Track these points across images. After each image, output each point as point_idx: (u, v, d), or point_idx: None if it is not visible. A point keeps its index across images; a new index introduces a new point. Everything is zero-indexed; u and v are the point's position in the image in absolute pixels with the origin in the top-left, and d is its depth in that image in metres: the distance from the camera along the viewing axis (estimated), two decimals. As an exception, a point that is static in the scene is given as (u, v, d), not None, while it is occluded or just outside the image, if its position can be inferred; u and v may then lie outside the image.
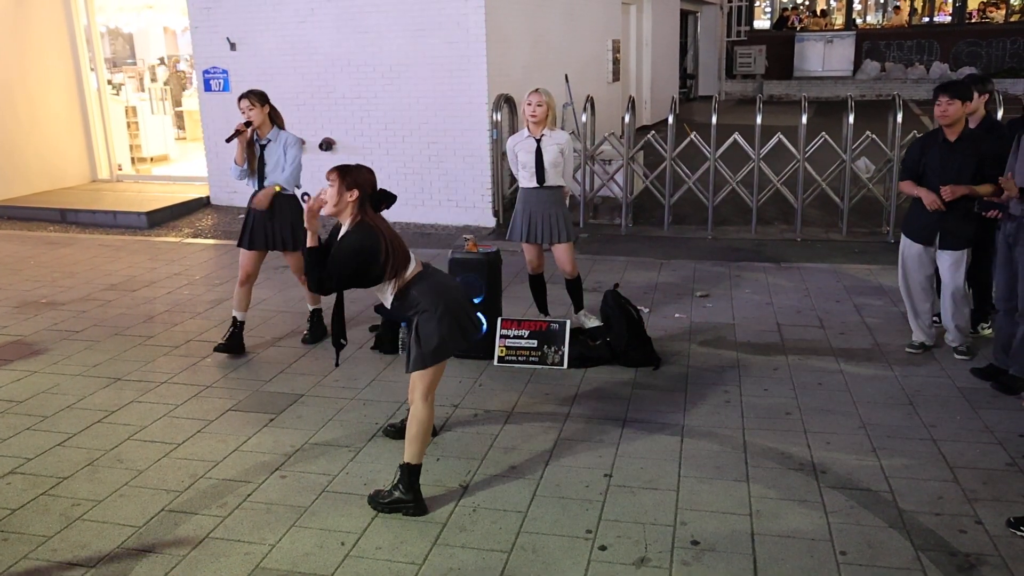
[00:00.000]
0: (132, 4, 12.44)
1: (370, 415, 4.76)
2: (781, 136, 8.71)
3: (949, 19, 28.03)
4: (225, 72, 10.19)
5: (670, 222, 9.16)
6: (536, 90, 5.73)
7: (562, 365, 5.39)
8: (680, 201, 9.30)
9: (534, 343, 5.46)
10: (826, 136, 8.72)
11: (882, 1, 31.84)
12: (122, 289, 7.38)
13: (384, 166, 9.79)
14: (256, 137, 5.61)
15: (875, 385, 5.07)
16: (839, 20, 29.80)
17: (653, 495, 3.87)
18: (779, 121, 11.19)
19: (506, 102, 9.42)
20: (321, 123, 9.96)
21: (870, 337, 5.87)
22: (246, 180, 5.70)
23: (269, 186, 5.57)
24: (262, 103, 5.53)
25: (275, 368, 5.51)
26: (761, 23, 31.18)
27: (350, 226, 3.63)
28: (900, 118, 8.40)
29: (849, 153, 8.65)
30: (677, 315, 6.41)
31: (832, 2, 31.95)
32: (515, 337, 5.49)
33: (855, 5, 29.71)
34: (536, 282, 6.09)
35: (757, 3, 30.81)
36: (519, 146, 5.79)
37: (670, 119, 9.12)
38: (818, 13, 31.25)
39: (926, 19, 28.84)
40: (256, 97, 5.52)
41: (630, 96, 10.06)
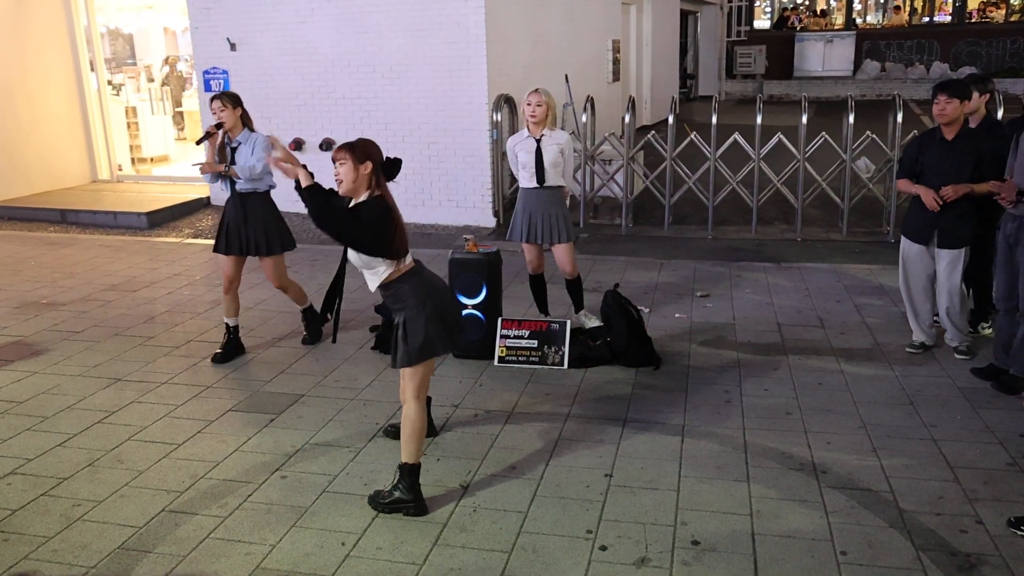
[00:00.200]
0: (132, 4, 12.44)
1: (370, 415, 4.76)
2: (781, 136, 8.71)
3: (949, 19, 28.03)
4: (225, 72, 10.19)
5: (670, 222, 9.16)
6: (536, 90, 5.73)
7: (562, 365, 5.39)
8: (680, 201, 9.30)
9: (534, 343, 5.46)
10: (826, 136, 8.72)
11: (882, 1, 31.84)
12: (122, 290, 7.38)
13: (384, 166, 9.79)
14: (227, 139, 5.51)
15: (875, 385, 5.07)
16: (839, 20, 29.80)
17: (653, 495, 3.87)
18: (779, 121, 11.20)
19: (506, 102, 9.42)
20: (321, 123, 9.97)
21: (870, 337, 5.87)
22: (219, 183, 5.58)
23: (224, 167, 5.47)
24: (234, 105, 5.45)
25: (275, 368, 5.51)
26: (761, 23, 31.18)
27: (367, 198, 3.63)
28: (900, 118, 8.40)
29: (849, 153, 8.65)
30: (677, 315, 6.41)
31: (832, 2, 31.95)
32: (515, 337, 5.49)
33: (855, 5, 29.70)
34: (536, 282, 6.09)
35: (757, 3, 30.81)
36: (519, 146, 5.79)
37: (670, 119, 9.12)
38: (818, 13, 31.25)
39: (926, 19, 28.84)
40: (228, 99, 5.44)
41: (630, 96, 10.06)
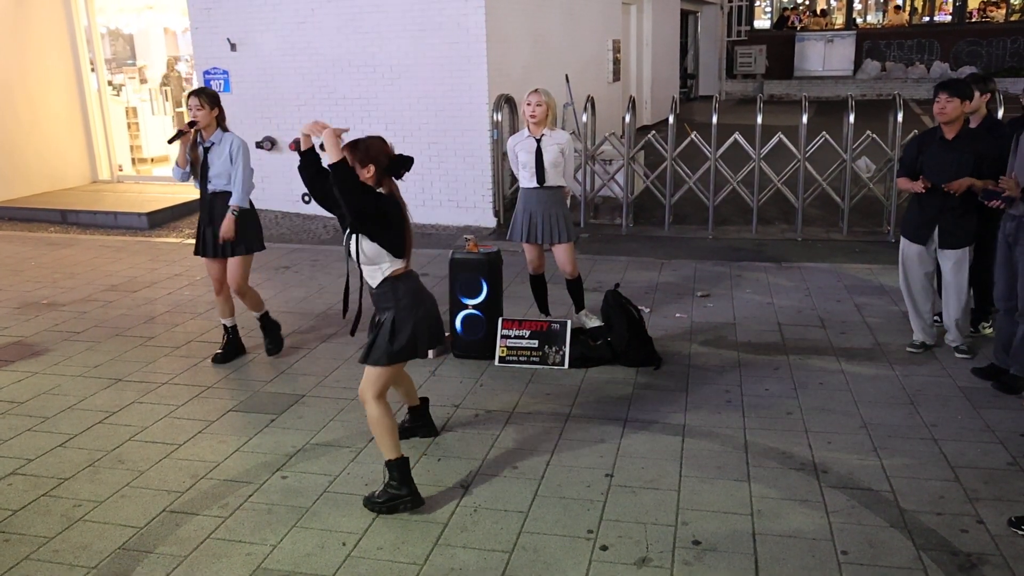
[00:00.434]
0: (132, 5, 12.45)
1: (371, 415, 4.76)
2: (782, 136, 8.71)
3: (949, 18, 28.03)
4: (226, 73, 10.19)
5: (671, 222, 9.16)
6: (535, 90, 5.73)
7: (563, 365, 5.39)
8: (681, 201, 9.30)
9: (535, 343, 5.46)
10: (827, 136, 8.72)
11: (882, 1, 31.83)
12: (123, 290, 7.38)
13: (384, 166, 9.79)
14: (200, 139, 5.35)
15: (876, 385, 5.07)
16: (839, 20, 29.80)
17: (654, 495, 3.87)
18: (779, 121, 11.20)
19: (506, 102, 9.42)
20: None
21: (871, 337, 5.87)
22: (191, 182, 5.49)
23: (229, 213, 5.32)
24: (211, 105, 5.28)
25: (276, 368, 5.51)
26: (761, 23, 31.18)
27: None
28: (901, 118, 8.39)
29: (850, 153, 8.65)
30: (678, 315, 6.41)
31: (832, 2, 31.94)
32: (516, 337, 5.49)
33: (855, 5, 29.70)
34: (537, 282, 6.09)
35: (757, 3, 30.81)
36: (519, 146, 5.79)
37: (670, 119, 9.11)
38: (818, 13, 31.25)
39: (926, 18, 28.84)
40: (207, 97, 5.28)
41: (630, 96, 10.06)
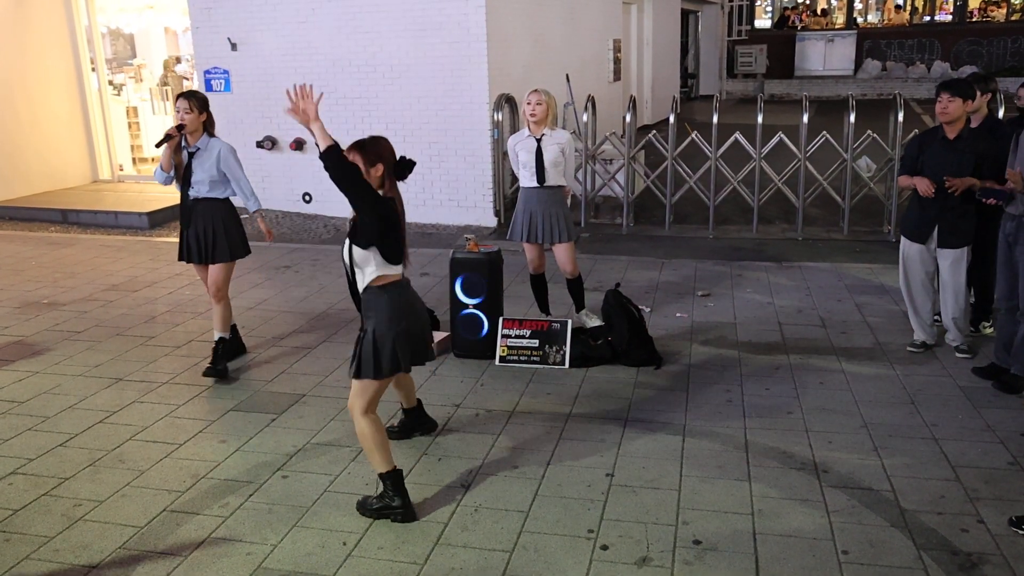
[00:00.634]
0: (133, 5, 12.45)
1: (372, 415, 4.76)
2: (782, 135, 8.71)
3: (950, 18, 28.02)
4: (226, 72, 10.20)
5: (671, 221, 9.16)
6: (535, 90, 5.73)
7: (564, 365, 5.39)
8: (681, 200, 9.30)
9: (535, 343, 5.46)
10: (827, 135, 8.71)
11: (881, 1, 31.83)
12: (124, 289, 7.39)
13: (385, 166, 9.79)
14: (185, 143, 5.23)
15: (877, 384, 5.07)
16: (840, 19, 29.79)
17: (655, 494, 3.87)
18: (780, 120, 11.19)
19: (507, 102, 9.42)
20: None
21: (871, 336, 5.87)
22: (173, 186, 5.34)
23: (256, 218, 5.43)
24: (200, 109, 5.17)
25: (276, 368, 5.51)
26: (762, 22, 31.19)
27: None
28: (901, 117, 8.39)
29: (850, 152, 8.65)
30: (678, 314, 6.41)
31: (833, 1, 31.93)
32: (516, 337, 5.49)
33: (856, 4, 29.69)
34: (537, 282, 6.09)
35: (758, 2, 30.82)
36: (520, 145, 5.79)
37: (671, 118, 9.11)
38: (819, 12, 31.24)
39: (927, 18, 28.83)
40: (197, 101, 5.16)
41: (631, 95, 10.05)
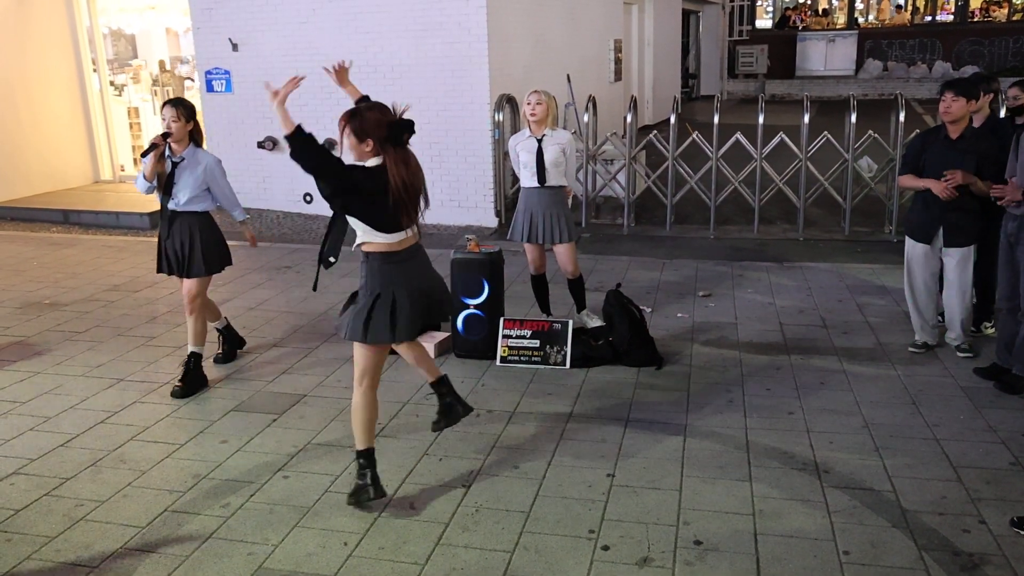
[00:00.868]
0: (134, 5, 12.45)
1: (373, 415, 4.76)
2: (783, 136, 8.71)
3: (951, 18, 28.00)
4: (227, 73, 10.20)
5: (672, 222, 9.16)
6: (536, 90, 5.74)
7: (564, 365, 5.39)
8: (682, 201, 9.29)
9: (536, 343, 5.46)
10: (828, 135, 8.71)
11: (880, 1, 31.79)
12: (125, 290, 7.39)
13: (386, 166, 9.80)
14: (169, 152, 5.05)
15: (878, 385, 5.06)
16: (841, 19, 29.77)
17: (656, 495, 3.87)
18: (781, 120, 11.19)
19: (508, 102, 9.42)
20: (323, 124, 9.92)
21: (873, 337, 5.86)
22: (157, 196, 5.18)
23: (241, 227, 5.54)
24: (188, 117, 5.00)
25: (278, 368, 5.51)
26: (763, 22, 31.16)
27: (372, 166, 3.51)
28: (902, 117, 8.39)
29: (851, 152, 8.64)
30: (679, 315, 6.41)
31: (834, 1, 31.91)
32: (517, 337, 5.49)
33: (857, 4, 29.67)
34: (538, 282, 6.09)
35: (759, 2, 30.79)
36: (520, 146, 5.79)
37: (672, 119, 9.11)
38: (820, 12, 31.22)
39: (928, 18, 28.81)
40: (184, 109, 4.99)
41: (632, 96, 10.05)
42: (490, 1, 9.08)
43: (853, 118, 8.58)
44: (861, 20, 29.77)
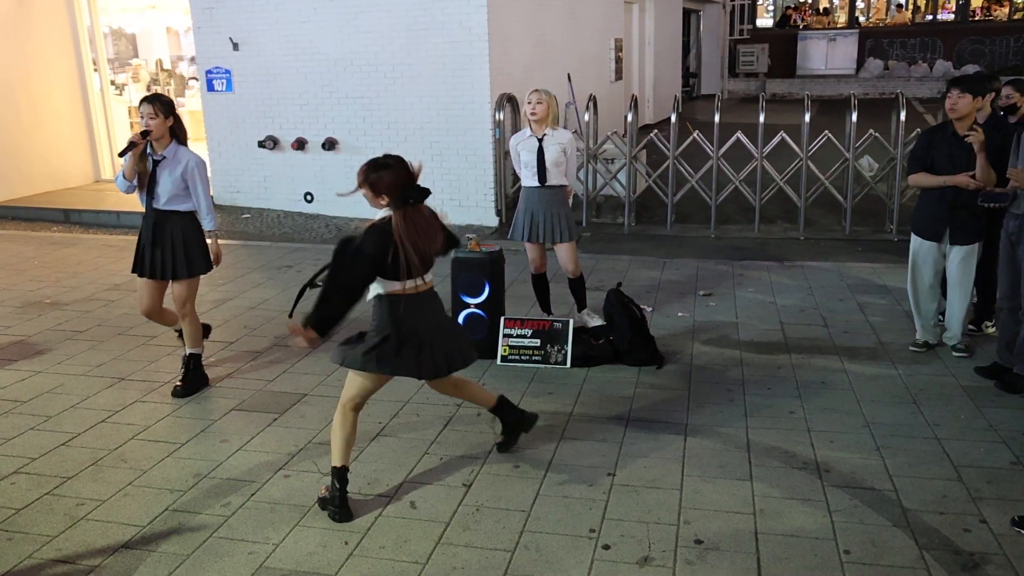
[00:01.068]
0: (135, 4, 12.46)
1: (373, 415, 4.76)
2: (784, 135, 8.71)
3: (952, 17, 27.98)
4: (228, 72, 10.20)
5: (673, 221, 9.16)
6: (536, 89, 5.74)
7: (565, 364, 5.39)
8: (683, 200, 9.29)
9: (537, 342, 5.46)
10: (829, 135, 8.71)
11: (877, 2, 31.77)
12: (126, 289, 7.39)
13: (387, 166, 9.79)
14: (150, 150, 4.85)
15: (879, 384, 5.06)
16: (842, 18, 29.76)
17: (657, 494, 3.87)
18: (782, 120, 11.19)
19: (508, 101, 9.42)
20: (324, 123, 9.97)
21: (874, 336, 5.86)
22: (139, 196, 5.01)
23: (210, 237, 5.07)
24: (166, 114, 4.80)
25: (278, 368, 5.52)
26: (764, 21, 31.15)
27: (378, 223, 3.56)
28: (903, 116, 8.39)
29: (852, 152, 8.64)
30: (680, 314, 6.41)
31: (835, 0, 31.89)
32: (518, 336, 5.49)
33: (858, 3, 29.65)
34: (539, 281, 6.09)
35: (760, 1, 30.78)
36: (521, 145, 5.80)
37: (673, 118, 9.11)
38: (821, 11, 31.20)
39: (929, 17, 28.79)
40: (162, 105, 4.80)
41: (632, 95, 10.05)
42: (491, 0, 9.08)
43: (854, 117, 8.58)
44: (862, 19, 29.74)
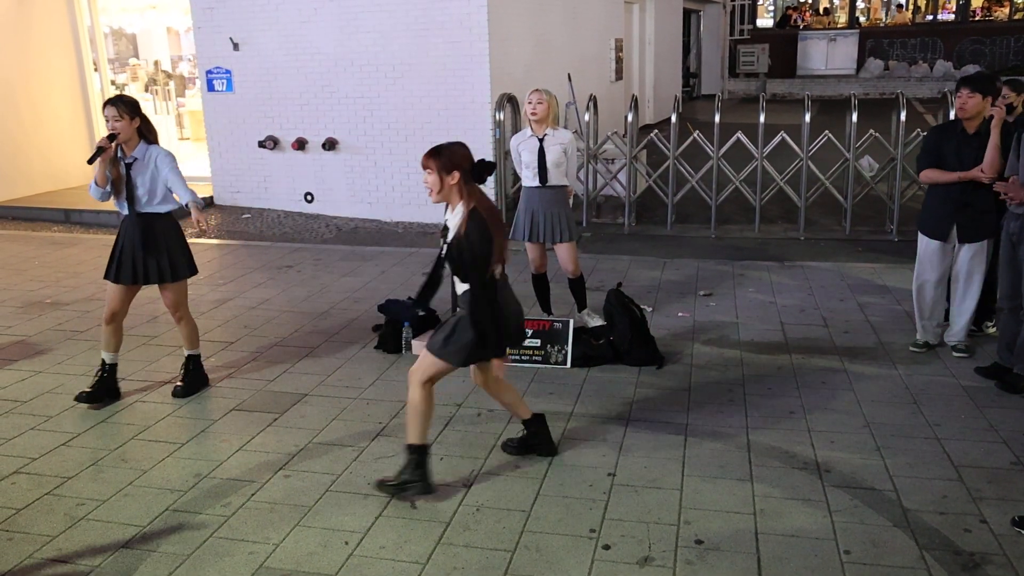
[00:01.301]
0: (135, 4, 12.46)
1: (374, 414, 4.76)
2: (784, 135, 8.71)
3: (952, 17, 27.97)
4: (228, 72, 10.20)
5: (673, 221, 9.15)
6: (536, 89, 5.75)
7: (565, 364, 5.39)
8: (683, 200, 9.29)
9: (537, 342, 5.46)
10: (829, 135, 8.71)
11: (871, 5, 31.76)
12: (126, 289, 7.38)
13: (387, 166, 9.80)
14: (121, 154, 4.70)
15: (879, 384, 5.06)
16: (842, 18, 29.76)
17: (657, 494, 3.87)
18: (782, 120, 11.19)
19: (509, 101, 9.42)
20: (324, 123, 9.97)
21: (874, 336, 5.86)
22: (113, 202, 4.85)
23: (191, 208, 4.68)
24: (132, 115, 4.64)
25: (279, 367, 5.52)
26: (764, 21, 31.14)
27: (465, 216, 3.66)
28: (904, 116, 8.38)
29: (852, 152, 8.64)
30: (680, 314, 6.41)
31: (835, 0, 31.89)
32: (518, 336, 5.49)
33: (858, 3, 29.65)
34: (539, 281, 6.09)
35: (760, 1, 30.78)
36: (522, 145, 5.80)
37: (673, 118, 9.11)
38: (821, 11, 31.20)
39: (929, 17, 28.79)
40: (125, 107, 4.63)
41: (633, 95, 10.05)
42: (491, 0, 9.08)
43: (854, 117, 8.57)
44: (862, 19, 29.75)
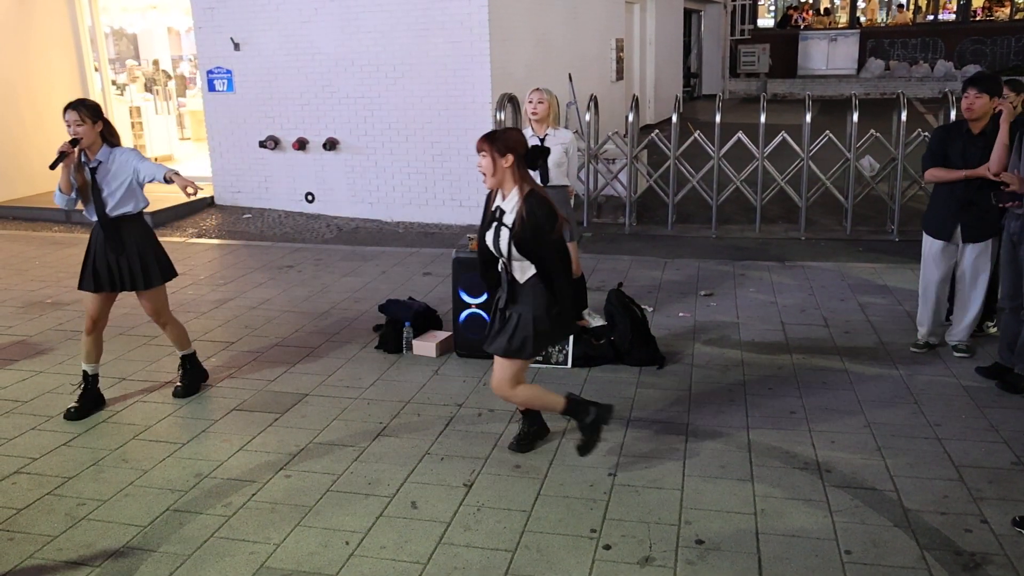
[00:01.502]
0: (136, 5, 12.47)
1: (374, 414, 4.76)
2: (785, 135, 8.71)
3: (953, 17, 27.96)
4: (229, 72, 10.20)
5: (674, 221, 9.16)
6: (537, 89, 5.75)
7: (566, 364, 5.39)
8: (684, 200, 9.29)
9: (538, 342, 5.45)
10: (830, 135, 8.71)
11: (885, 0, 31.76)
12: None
13: (388, 166, 9.80)
14: (84, 159, 4.61)
15: (880, 384, 5.06)
16: (843, 18, 29.75)
17: (658, 494, 3.87)
18: (783, 120, 11.19)
19: (509, 101, 9.41)
20: (325, 123, 9.97)
21: (875, 336, 5.86)
22: (82, 209, 4.79)
23: (173, 178, 4.51)
24: (94, 119, 4.54)
25: (279, 367, 5.52)
26: (765, 21, 31.12)
27: (521, 200, 3.72)
28: (904, 116, 8.38)
29: (853, 152, 8.64)
30: (681, 314, 6.41)
31: (836, 0, 31.88)
32: (519, 336, 5.48)
33: (859, 3, 29.64)
34: (540, 281, 6.08)
35: (761, 1, 30.76)
36: (523, 145, 5.79)
37: (674, 118, 9.11)
38: (822, 11, 31.19)
39: (930, 17, 28.78)
40: (87, 111, 4.52)
41: (634, 95, 10.05)
42: (492, 0, 9.08)
43: (855, 117, 8.57)
44: (863, 19, 29.74)
